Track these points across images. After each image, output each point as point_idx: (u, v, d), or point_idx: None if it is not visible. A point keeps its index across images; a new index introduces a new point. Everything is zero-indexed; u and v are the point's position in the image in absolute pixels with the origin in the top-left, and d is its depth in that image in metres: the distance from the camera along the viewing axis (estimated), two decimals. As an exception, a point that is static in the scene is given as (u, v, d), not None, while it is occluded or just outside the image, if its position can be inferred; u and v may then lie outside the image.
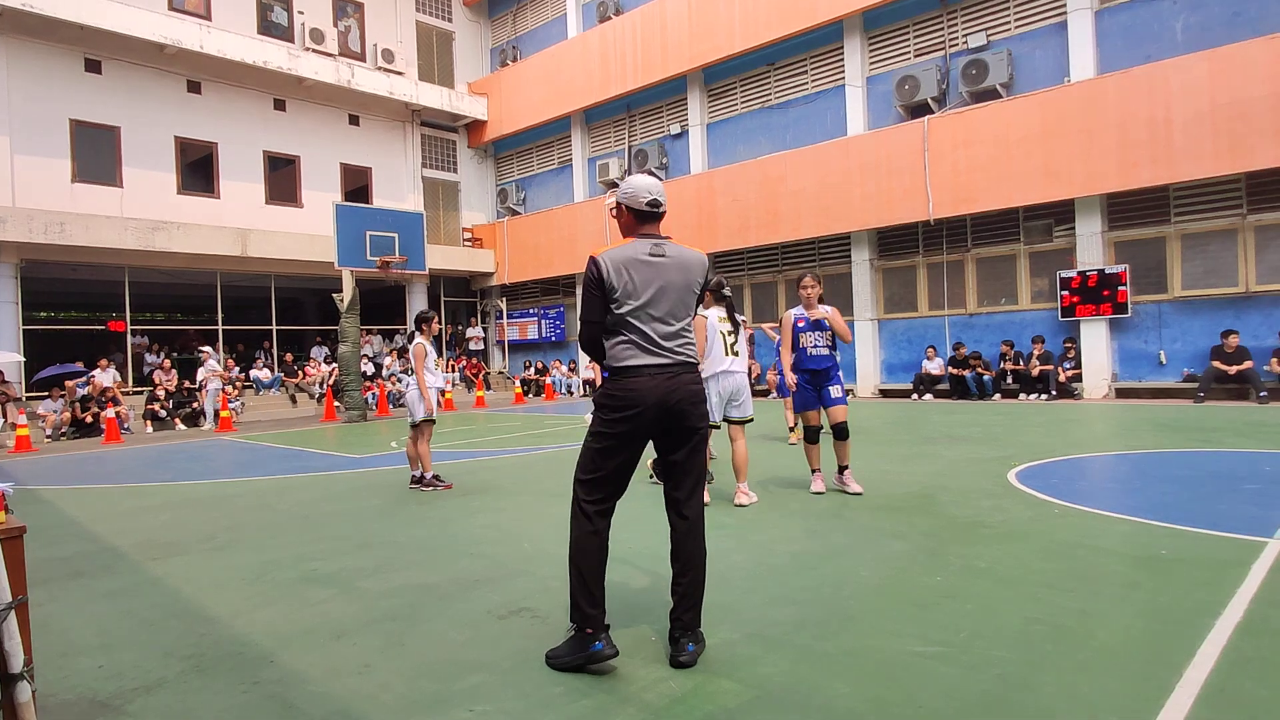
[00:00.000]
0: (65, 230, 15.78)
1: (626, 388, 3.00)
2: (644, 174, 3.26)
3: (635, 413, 2.98)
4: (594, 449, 3.06)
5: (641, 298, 3.01)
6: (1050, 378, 13.53)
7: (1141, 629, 3.10)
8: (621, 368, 3.02)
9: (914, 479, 6.53)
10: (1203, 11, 12.45)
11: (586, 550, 3.01)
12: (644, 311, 3.02)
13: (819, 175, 16.23)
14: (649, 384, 3.00)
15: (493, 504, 6.38)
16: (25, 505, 7.15)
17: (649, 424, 3.01)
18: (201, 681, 2.99)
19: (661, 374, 3.02)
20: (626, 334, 3.03)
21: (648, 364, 3.02)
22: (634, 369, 3.01)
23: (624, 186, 3.16)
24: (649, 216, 3.15)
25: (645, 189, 3.12)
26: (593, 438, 3.07)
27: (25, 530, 2.46)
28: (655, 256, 3.05)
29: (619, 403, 3.00)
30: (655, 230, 3.17)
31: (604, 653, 2.91)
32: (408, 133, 22.95)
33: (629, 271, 3.01)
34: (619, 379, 3.02)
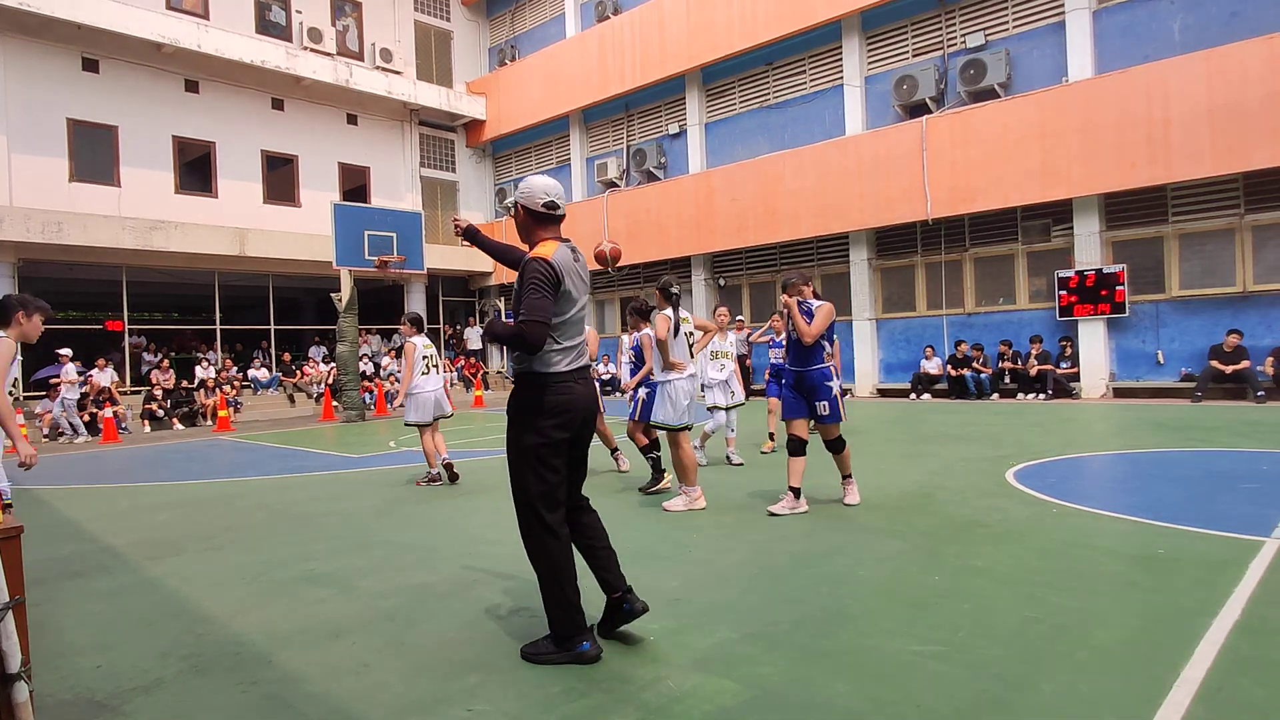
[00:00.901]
0: (62, 230, 15.75)
1: (565, 391, 3.05)
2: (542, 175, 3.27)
3: (572, 417, 3.06)
4: (540, 461, 3.03)
5: (577, 304, 3.10)
6: (1048, 377, 13.55)
7: (1139, 628, 3.10)
8: (558, 373, 3.05)
9: (912, 479, 6.53)
10: (1200, 12, 12.46)
11: (564, 564, 3.05)
12: (576, 317, 3.10)
13: (817, 175, 16.24)
14: (581, 389, 3.10)
15: (491, 504, 6.38)
16: (23, 505, 7.14)
17: (579, 428, 3.11)
18: (199, 681, 2.98)
19: (585, 378, 3.14)
20: (562, 339, 3.07)
21: (577, 368, 3.11)
22: (570, 374, 3.07)
23: (522, 186, 3.18)
24: (547, 219, 3.17)
25: (542, 190, 3.14)
26: (534, 450, 3.02)
27: (22, 530, 2.46)
28: (576, 262, 3.14)
29: (560, 408, 3.03)
30: (557, 233, 3.19)
31: (590, 653, 2.97)
32: (406, 132, 22.93)
33: (571, 277, 3.06)
34: (557, 383, 3.04)
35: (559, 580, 3.02)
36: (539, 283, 2.95)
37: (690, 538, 4.88)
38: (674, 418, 5.76)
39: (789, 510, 5.37)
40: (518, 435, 3.06)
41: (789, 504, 5.39)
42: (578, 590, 3.06)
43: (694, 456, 5.79)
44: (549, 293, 2.97)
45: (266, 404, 18.57)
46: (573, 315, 3.09)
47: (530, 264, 3.00)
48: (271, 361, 20.36)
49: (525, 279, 2.98)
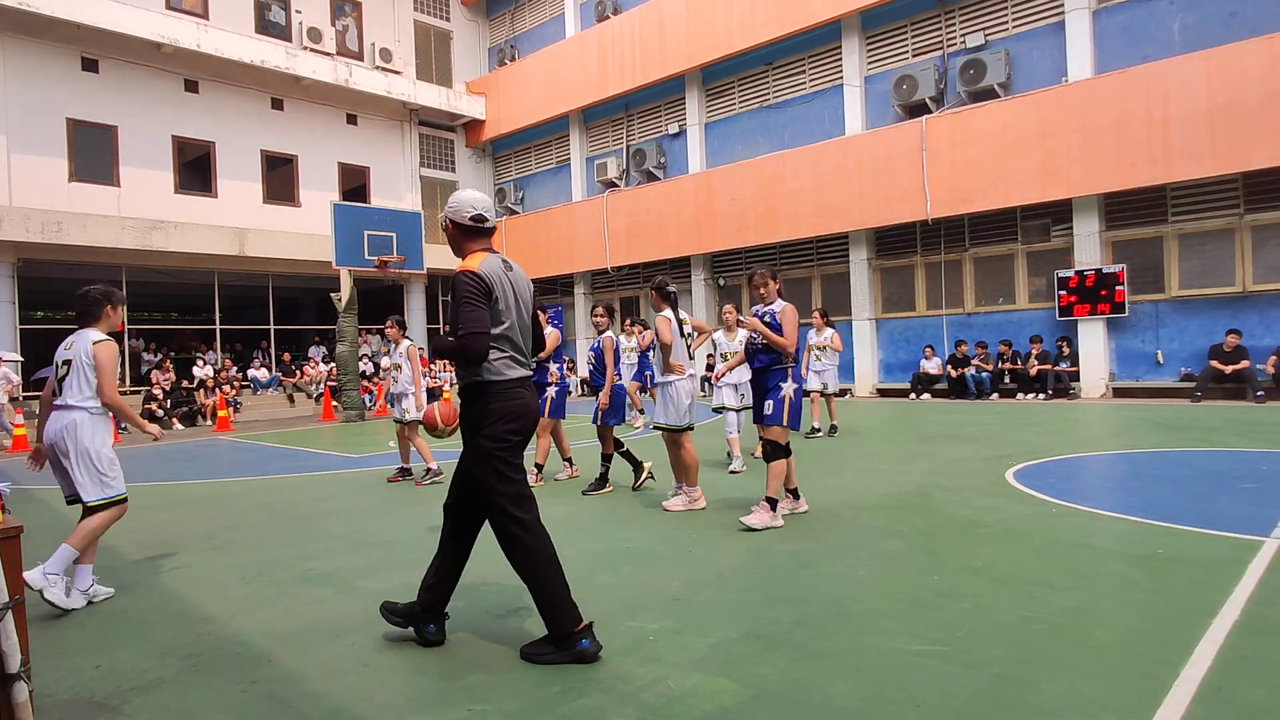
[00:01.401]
0: (62, 230, 15.74)
1: (515, 397, 3.12)
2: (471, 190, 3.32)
3: (524, 422, 3.14)
4: (504, 464, 3.09)
5: (513, 312, 3.14)
6: (1048, 377, 13.55)
7: (1139, 628, 3.10)
8: (506, 380, 3.11)
9: (911, 478, 6.53)
10: (1200, 12, 12.46)
11: (548, 558, 3.10)
12: (514, 325, 3.15)
13: (817, 175, 16.24)
14: (528, 394, 3.18)
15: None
16: (22, 505, 7.13)
17: (528, 431, 3.18)
18: (199, 681, 2.98)
19: (529, 385, 3.22)
20: (505, 348, 3.12)
21: (523, 375, 3.18)
22: (517, 381, 3.14)
23: (450, 201, 3.24)
24: (476, 232, 3.22)
25: (469, 203, 3.19)
26: (496, 455, 3.07)
27: (22, 530, 2.46)
28: (508, 271, 3.18)
29: (513, 413, 3.11)
30: (487, 245, 3.23)
31: (590, 650, 2.99)
32: (406, 132, 22.92)
33: (502, 286, 3.10)
34: (506, 390, 3.11)
35: (547, 579, 3.06)
36: (470, 295, 3.01)
37: (690, 538, 4.88)
38: (676, 419, 5.74)
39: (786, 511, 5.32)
40: (476, 444, 3.10)
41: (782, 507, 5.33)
42: (567, 586, 3.09)
43: (696, 457, 5.79)
44: (482, 303, 3.02)
45: (266, 404, 18.57)
46: (511, 324, 3.14)
47: (459, 277, 3.06)
48: (271, 361, 20.35)
49: (457, 292, 3.04)
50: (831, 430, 9.96)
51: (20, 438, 13.02)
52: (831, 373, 9.94)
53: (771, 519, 5.02)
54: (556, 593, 3.05)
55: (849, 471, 7.11)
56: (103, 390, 4.08)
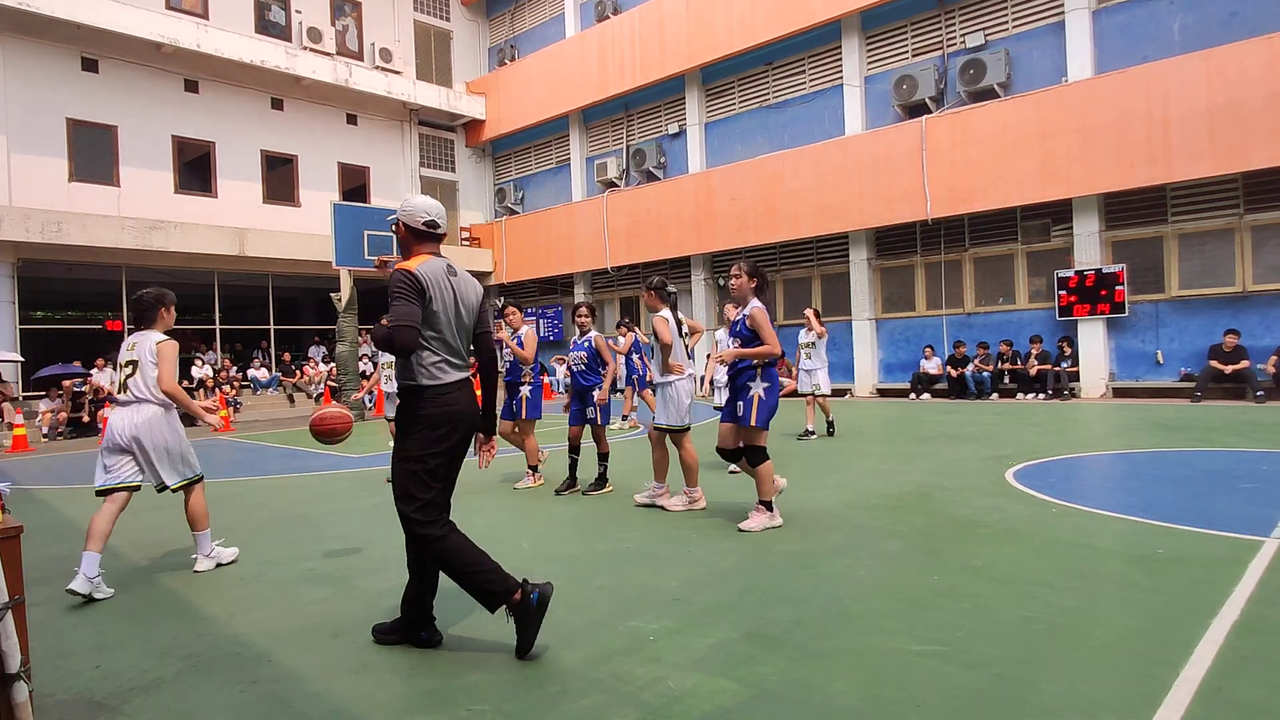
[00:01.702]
0: (62, 230, 15.74)
1: (449, 403, 3.13)
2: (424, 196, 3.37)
3: (455, 427, 3.14)
4: (425, 470, 3.11)
5: (450, 315, 3.16)
6: (1047, 377, 13.55)
7: (1139, 628, 3.10)
8: (441, 384, 3.13)
9: (911, 478, 6.53)
10: (1200, 12, 12.47)
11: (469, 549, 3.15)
12: (452, 328, 3.17)
13: (817, 175, 16.24)
14: (464, 398, 3.19)
15: (491, 504, 6.38)
16: (22, 505, 7.13)
17: (464, 437, 3.19)
18: (199, 681, 2.98)
19: (467, 388, 3.23)
20: (439, 351, 3.14)
21: (459, 379, 3.19)
22: (452, 385, 3.15)
23: (404, 204, 3.30)
24: (428, 236, 3.28)
25: (423, 209, 3.26)
26: (419, 460, 3.10)
27: (22, 530, 2.46)
28: (451, 276, 3.21)
29: (445, 418, 3.12)
30: (437, 250, 3.29)
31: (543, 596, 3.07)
32: (405, 132, 22.93)
33: (440, 288, 3.13)
34: (440, 395, 3.12)
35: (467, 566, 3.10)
36: (402, 290, 3.05)
37: (690, 538, 4.88)
38: (677, 419, 5.72)
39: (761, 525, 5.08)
40: (406, 447, 3.13)
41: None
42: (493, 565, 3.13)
43: (696, 457, 5.78)
44: (414, 299, 3.06)
45: (266, 404, 18.57)
46: (449, 328, 3.17)
47: (394, 274, 3.11)
48: (271, 361, 20.35)
49: (391, 288, 3.09)
50: (829, 429, 9.75)
51: (20, 438, 13.02)
52: (823, 373, 9.54)
53: (769, 520, 5.00)
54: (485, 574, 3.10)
55: (849, 471, 7.11)
56: (163, 379, 4.40)
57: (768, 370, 5.08)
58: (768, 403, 5.02)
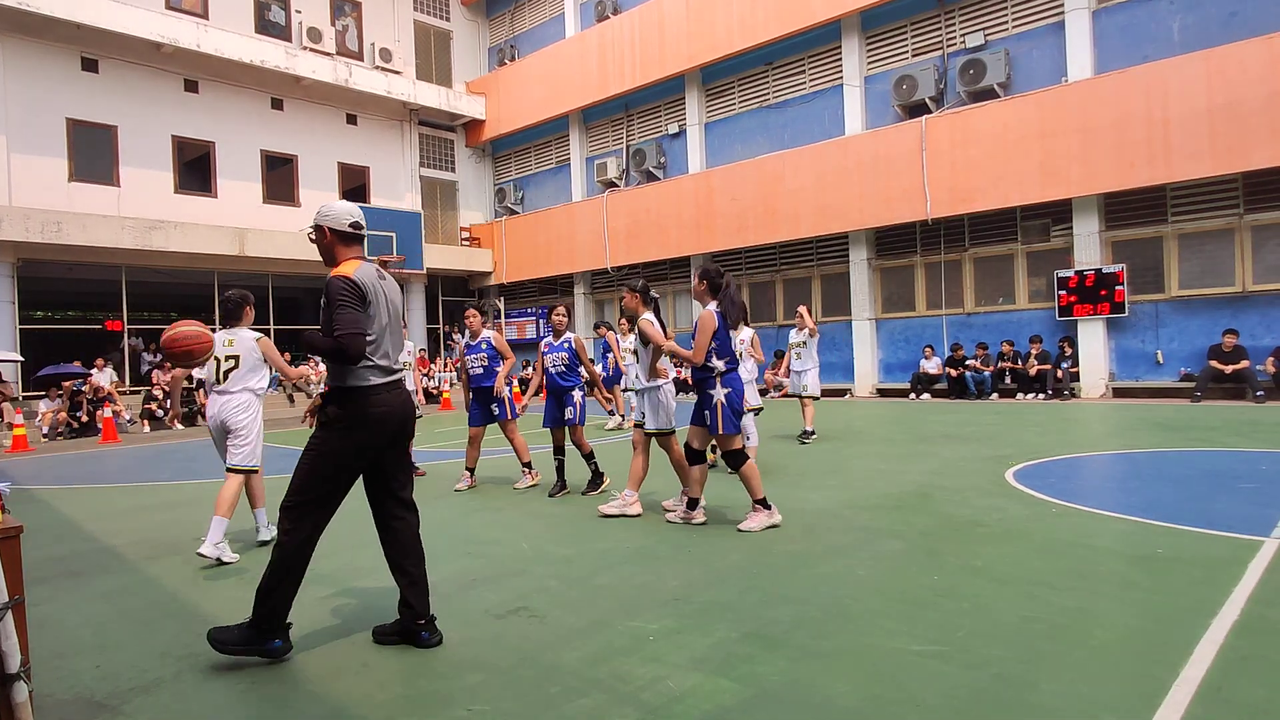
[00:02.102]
0: (62, 230, 15.74)
1: (380, 404, 3.14)
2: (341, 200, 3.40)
3: (385, 428, 3.16)
4: (330, 468, 3.12)
5: (384, 319, 3.18)
6: (1048, 377, 13.55)
7: (1138, 628, 3.10)
8: (369, 386, 3.13)
9: (911, 478, 6.53)
10: (1200, 12, 12.47)
11: (302, 564, 3.15)
12: (386, 332, 3.20)
13: (817, 175, 16.24)
14: (395, 400, 3.20)
15: (490, 503, 6.38)
16: (22, 505, 7.13)
17: (390, 438, 3.20)
18: (198, 681, 2.98)
19: (398, 390, 3.25)
20: (374, 355, 3.15)
21: (390, 381, 3.20)
22: (382, 387, 3.16)
23: (324, 210, 3.28)
24: (354, 238, 3.28)
25: (347, 212, 3.28)
26: (326, 457, 3.11)
27: (22, 530, 2.46)
28: (381, 280, 3.24)
29: (375, 420, 3.13)
30: (360, 253, 3.30)
31: (281, 649, 3.09)
32: (405, 132, 22.92)
33: (376, 293, 3.16)
34: (368, 397, 3.13)
35: (289, 577, 3.11)
36: (347, 298, 3.07)
37: (690, 538, 4.88)
38: (666, 422, 5.63)
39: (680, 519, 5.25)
40: (325, 441, 3.12)
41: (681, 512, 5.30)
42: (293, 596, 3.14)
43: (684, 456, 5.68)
44: (358, 306, 3.08)
45: (266, 403, 18.49)
46: (383, 332, 3.19)
47: (334, 281, 3.10)
48: (270, 361, 20.30)
49: (332, 296, 3.08)
50: (803, 434, 9.29)
51: (20, 438, 13.01)
52: (812, 374, 9.34)
53: (769, 518, 5.01)
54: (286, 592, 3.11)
55: (849, 471, 7.11)
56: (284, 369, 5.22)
57: (727, 376, 5.12)
58: (730, 407, 5.05)
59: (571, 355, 6.71)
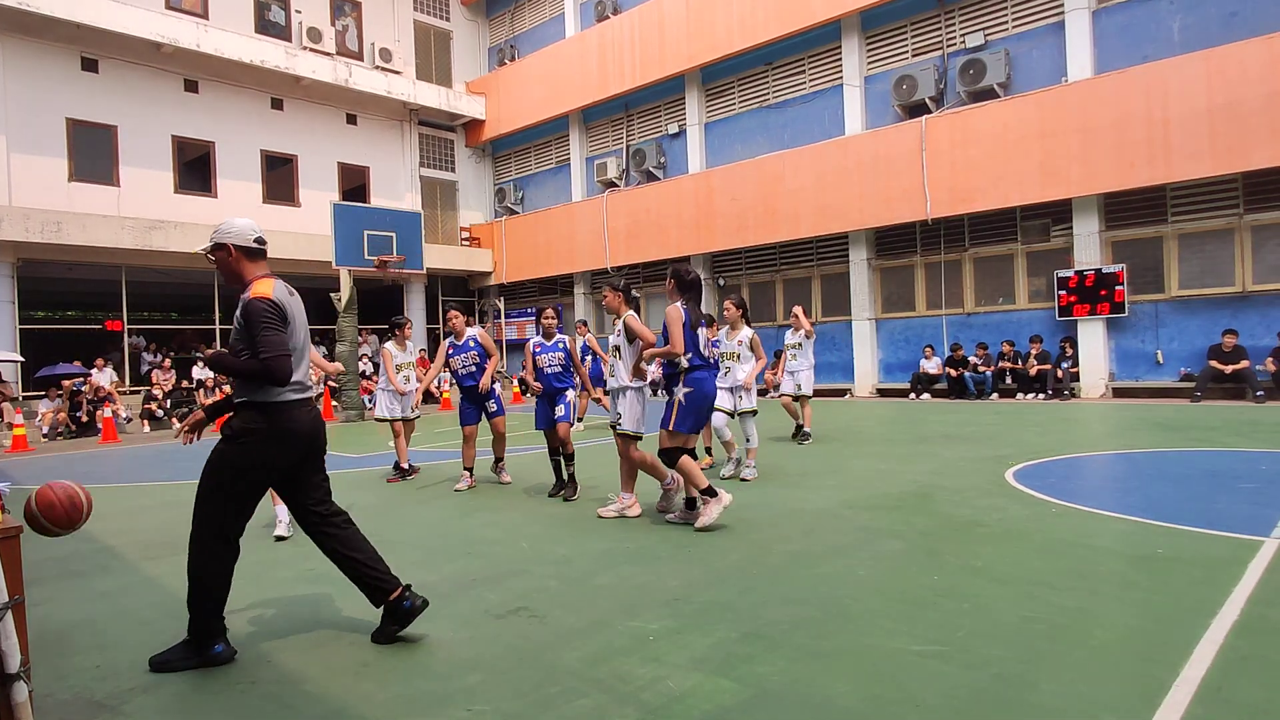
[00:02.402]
0: (62, 229, 15.74)
1: (289, 420, 3.14)
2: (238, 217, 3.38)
3: (296, 444, 3.16)
4: (242, 483, 3.11)
5: (299, 335, 3.20)
6: (1048, 377, 13.55)
7: (1138, 628, 3.10)
8: (286, 402, 3.14)
9: (911, 478, 6.53)
10: (1200, 12, 12.47)
11: (227, 572, 3.15)
12: (300, 350, 3.21)
13: (817, 175, 16.24)
14: (307, 416, 3.21)
15: (490, 503, 6.38)
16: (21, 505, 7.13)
17: (301, 454, 3.20)
18: (198, 681, 2.98)
19: (309, 407, 3.26)
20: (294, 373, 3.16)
21: (304, 398, 3.22)
22: (295, 403, 3.17)
23: (224, 227, 3.26)
24: (259, 253, 3.30)
25: (249, 227, 3.29)
26: (247, 474, 3.11)
27: (22, 530, 2.46)
28: (291, 293, 3.26)
29: (286, 436, 3.13)
30: (267, 269, 3.31)
31: (224, 655, 3.11)
32: (405, 132, 22.92)
33: (291, 310, 3.17)
34: (283, 412, 3.13)
35: (218, 589, 3.12)
36: (270, 320, 3.06)
37: (690, 538, 4.88)
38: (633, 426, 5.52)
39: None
40: (230, 455, 3.11)
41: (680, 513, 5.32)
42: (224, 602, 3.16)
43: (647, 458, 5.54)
44: (280, 327, 3.09)
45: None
46: (299, 349, 3.22)
47: (254, 303, 3.09)
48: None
49: (254, 318, 3.06)
50: (801, 435, 9.19)
51: (20, 438, 13.01)
52: (806, 374, 9.21)
53: (719, 503, 4.97)
54: (215, 602, 3.12)
55: (849, 471, 7.11)
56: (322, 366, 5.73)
57: (689, 375, 5.11)
58: (687, 408, 5.04)
59: (566, 356, 6.71)
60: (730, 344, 7.11)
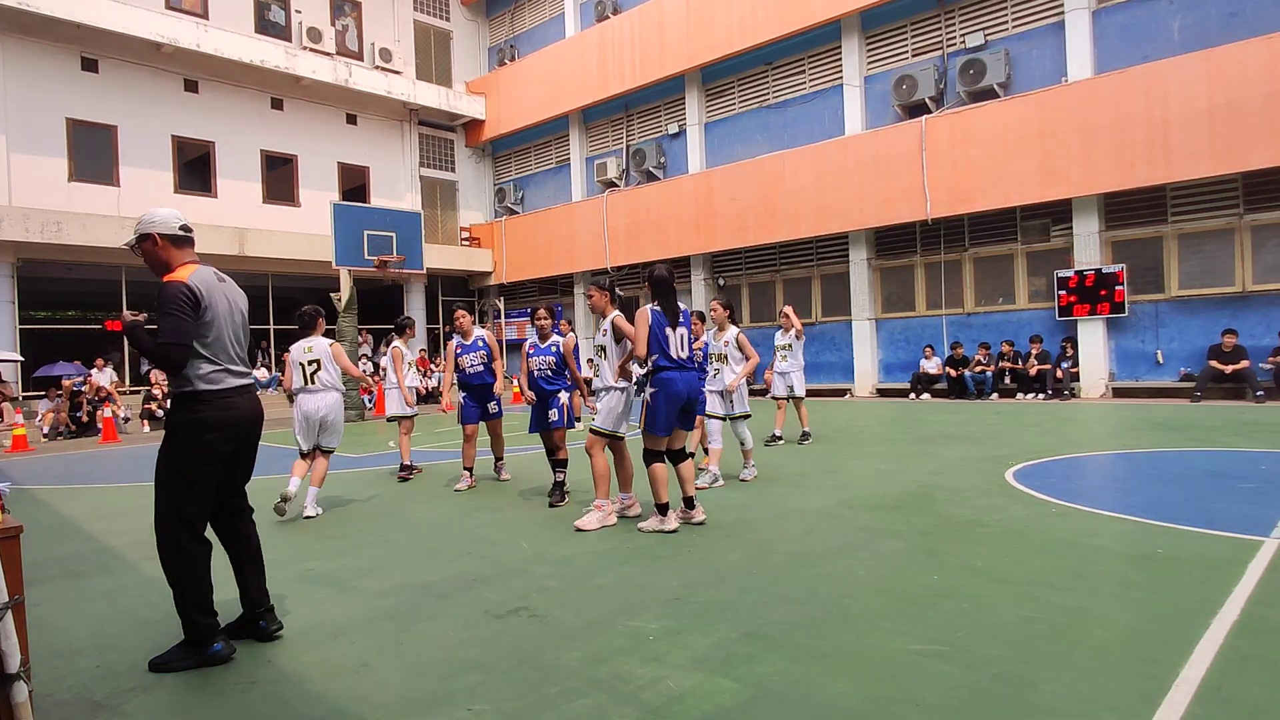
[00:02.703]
0: (62, 229, 15.74)
1: (228, 407, 3.14)
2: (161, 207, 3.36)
3: (236, 431, 3.17)
4: (196, 477, 3.13)
5: (226, 322, 3.18)
6: (1047, 377, 13.55)
7: (1138, 628, 3.10)
8: (219, 389, 3.13)
9: (911, 478, 6.53)
10: (1199, 11, 12.46)
11: (204, 571, 3.18)
12: (229, 335, 3.18)
13: (817, 175, 16.24)
14: (246, 404, 3.22)
15: (490, 503, 6.38)
16: (21, 505, 7.13)
17: (243, 441, 3.22)
18: (198, 681, 2.98)
19: (249, 393, 3.25)
20: (218, 358, 3.15)
21: (240, 385, 3.21)
22: (232, 390, 3.17)
23: (147, 218, 3.22)
24: (185, 240, 3.25)
25: (172, 215, 3.24)
26: (193, 465, 3.11)
27: (21, 530, 2.46)
28: (221, 283, 3.23)
29: (223, 423, 3.13)
30: (193, 256, 3.27)
31: (222, 653, 3.11)
32: (405, 132, 22.92)
33: (213, 296, 3.13)
34: (218, 399, 3.12)
35: (198, 588, 3.14)
36: (177, 305, 3.03)
37: (690, 538, 4.88)
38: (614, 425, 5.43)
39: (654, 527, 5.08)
40: (176, 450, 3.12)
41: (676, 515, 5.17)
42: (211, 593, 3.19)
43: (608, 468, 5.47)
44: (188, 315, 3.04)
45: (266, 404, 18.38)
46: (224, 335, 3.18)
47: (168, 286, 3.07)
48: (271, 361, 20.34)
49: (163, 301, 3.05)
50: (803, 437, 9.13)
51: (20, 438, 13.01)
52: (797, 375, 9.16)
53: (659, 521, 5.01)
54: (203, 602, 3.14)
55: (849, 471, 7.11)
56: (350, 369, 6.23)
57: (655, 376, 5.09)
58: (654, 408, 5.01)
59: (559, 358, 6.49)
60: (718, 345, 6.92)
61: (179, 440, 3.12)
